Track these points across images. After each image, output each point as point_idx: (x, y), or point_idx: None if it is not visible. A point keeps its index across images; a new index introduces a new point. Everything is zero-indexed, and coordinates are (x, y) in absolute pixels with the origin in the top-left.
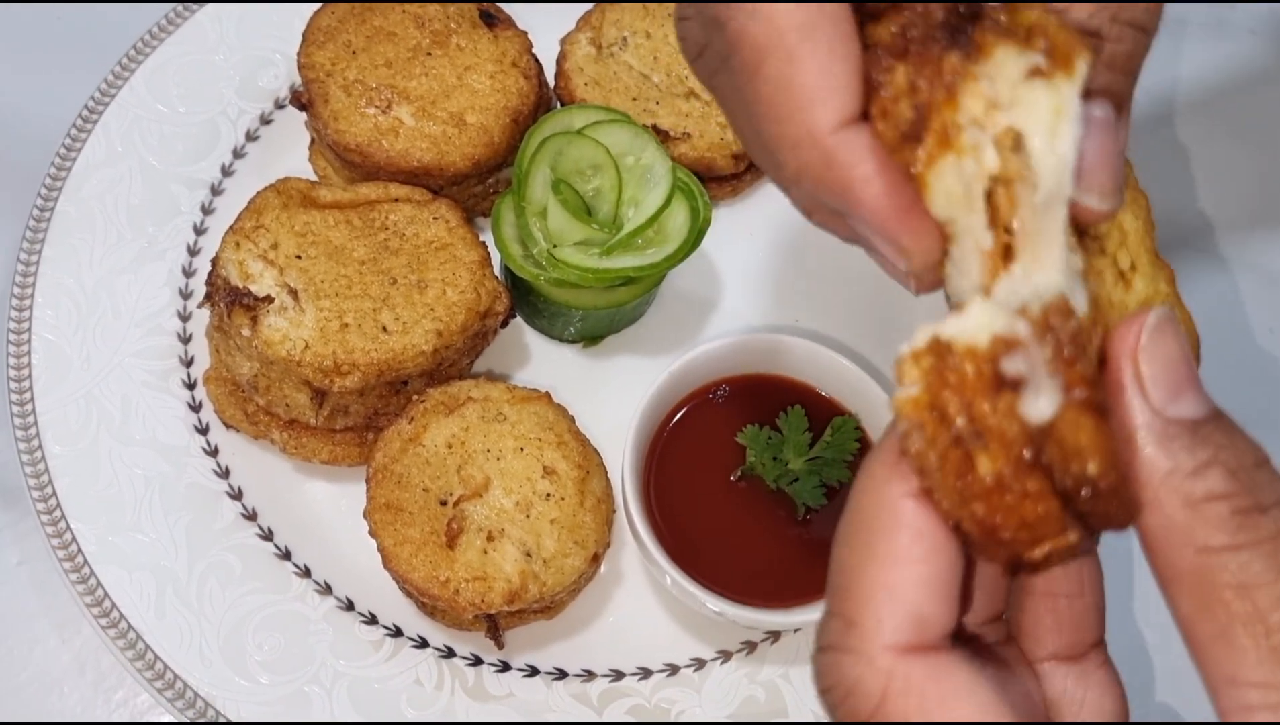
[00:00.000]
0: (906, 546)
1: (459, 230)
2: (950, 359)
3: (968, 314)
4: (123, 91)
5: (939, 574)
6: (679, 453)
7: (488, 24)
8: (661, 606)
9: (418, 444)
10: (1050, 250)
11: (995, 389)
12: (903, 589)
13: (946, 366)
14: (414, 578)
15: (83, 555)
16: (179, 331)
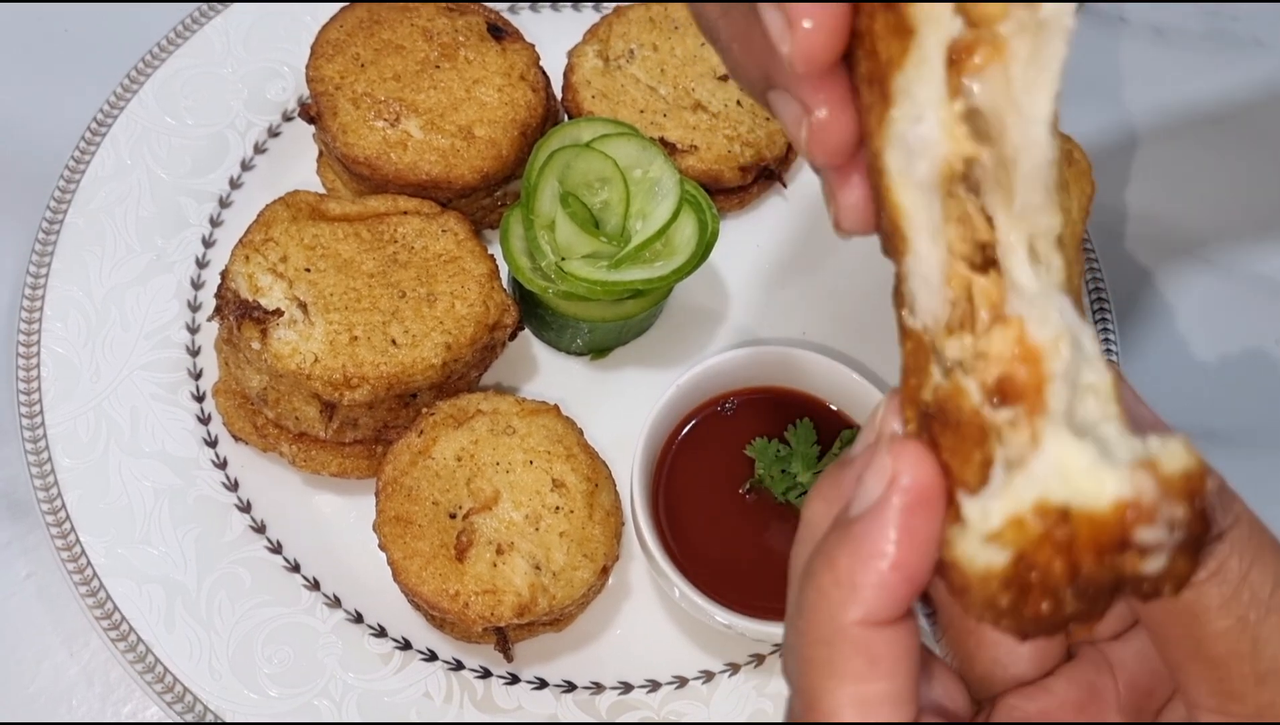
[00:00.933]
0: (865, 670)
1: (467, 243)
2: (1061, 528)
3: (1079, 466)
4: (131, 104)
5: (900, 687)
6: (687, 466)
7: (495, 37)
8: (670, 619)
9: (427, 457)
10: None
11: (1117, 552)
12: (867, 703)
13: (1054, 535)
14: (423, 591)
15: (92, 568)
16: (188, 344)
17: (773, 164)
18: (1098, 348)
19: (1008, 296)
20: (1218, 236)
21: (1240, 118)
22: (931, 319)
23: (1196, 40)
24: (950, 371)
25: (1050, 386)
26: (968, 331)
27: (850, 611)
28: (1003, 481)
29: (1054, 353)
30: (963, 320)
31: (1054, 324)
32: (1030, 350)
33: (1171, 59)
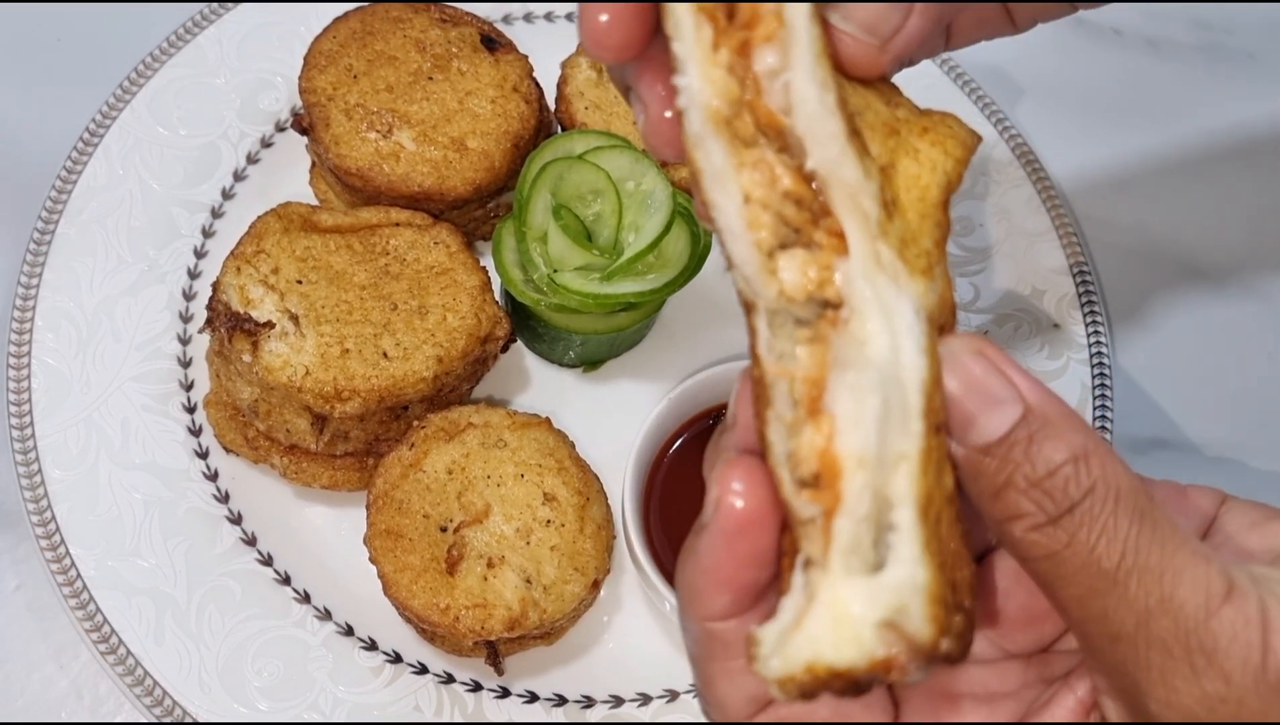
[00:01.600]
0: (720, 651)
1: (460, 255)
2: (834, 680)
3: (843, 631)
4: (124, 114)
5: None
6: (679, 479)
7: (489, 48)
8: (661, 632)
9: (418, 470)
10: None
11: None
12: (735, 676)
13: (829, 684)
14: (414, 604)
15: (82, 580)
16: (179, 355)
17: None
18: (920, 371)
19: (838, 283)
20: (1211, 250)
21: (1234, 131)
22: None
23: (1190, 53)
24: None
25: (840, 518)
26: (791, 385)
27: (697, 610)
28: (788, 622)
29: (854, 472)
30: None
31: (865, 426)
32: (832, 460)
33: (1165, 72)
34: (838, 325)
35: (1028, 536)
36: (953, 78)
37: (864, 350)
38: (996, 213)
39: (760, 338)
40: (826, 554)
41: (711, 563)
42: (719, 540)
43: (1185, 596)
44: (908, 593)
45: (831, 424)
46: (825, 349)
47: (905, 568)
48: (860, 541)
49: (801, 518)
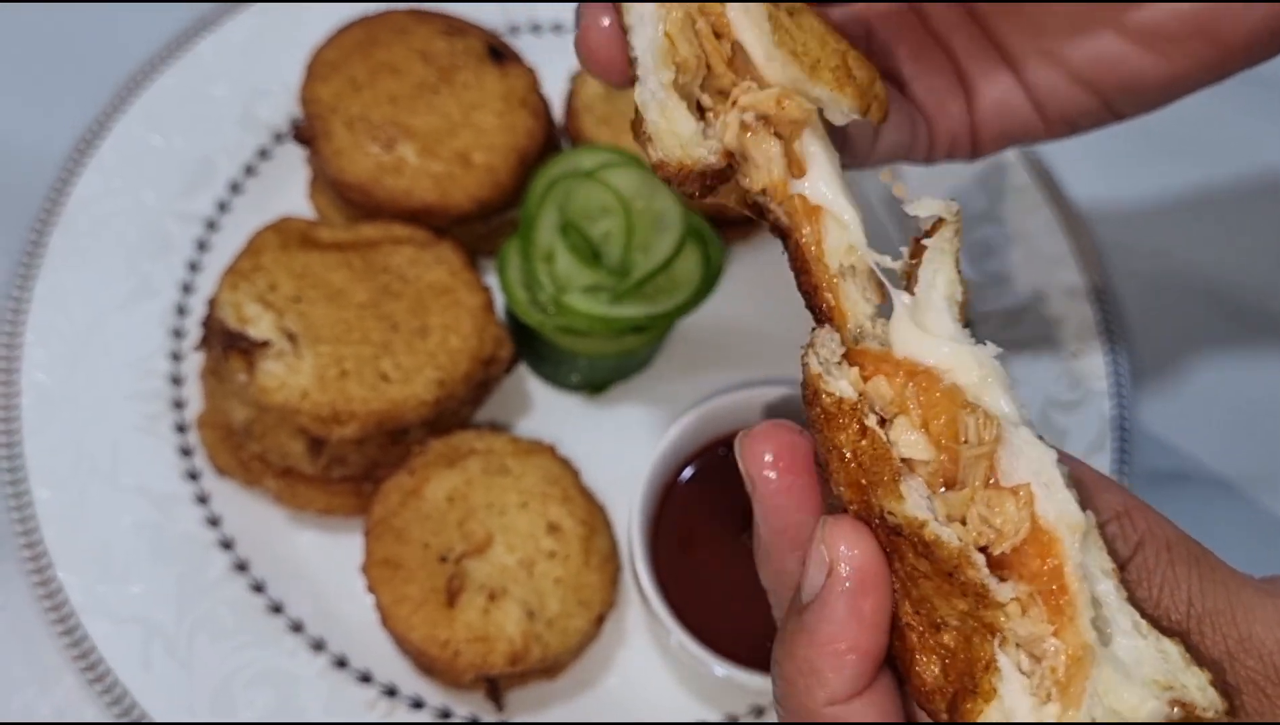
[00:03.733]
0: None
1: (462, 273)
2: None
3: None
4: (119, 124)
5: None
6: (686, 510)
7: (495, 60)
8: (666, 669)
9: (418, 497)
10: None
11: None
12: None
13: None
14: (412, 637)
15: (69, 606)
16: (172, 374)
17: None
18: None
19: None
20: (1234, 279)
21: (1258, 159)
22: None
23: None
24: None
25: (1074, 581)
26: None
27: (817, 695)
28: (1034, 703)
29: (1071, 536)
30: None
31: (1058, 497)
32: (1043, 533)
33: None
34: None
35: None
36: None
37: (1004, 415)
38: (1016, 237)
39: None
40: (1069, 630)
41: (831, 632)
42: (840, 604)
43: (1263, 634)
44: (1167, 666)
45: (1029, 493)
46: (991, 420)
47: (1138, 641)
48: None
49: (1000, 603)
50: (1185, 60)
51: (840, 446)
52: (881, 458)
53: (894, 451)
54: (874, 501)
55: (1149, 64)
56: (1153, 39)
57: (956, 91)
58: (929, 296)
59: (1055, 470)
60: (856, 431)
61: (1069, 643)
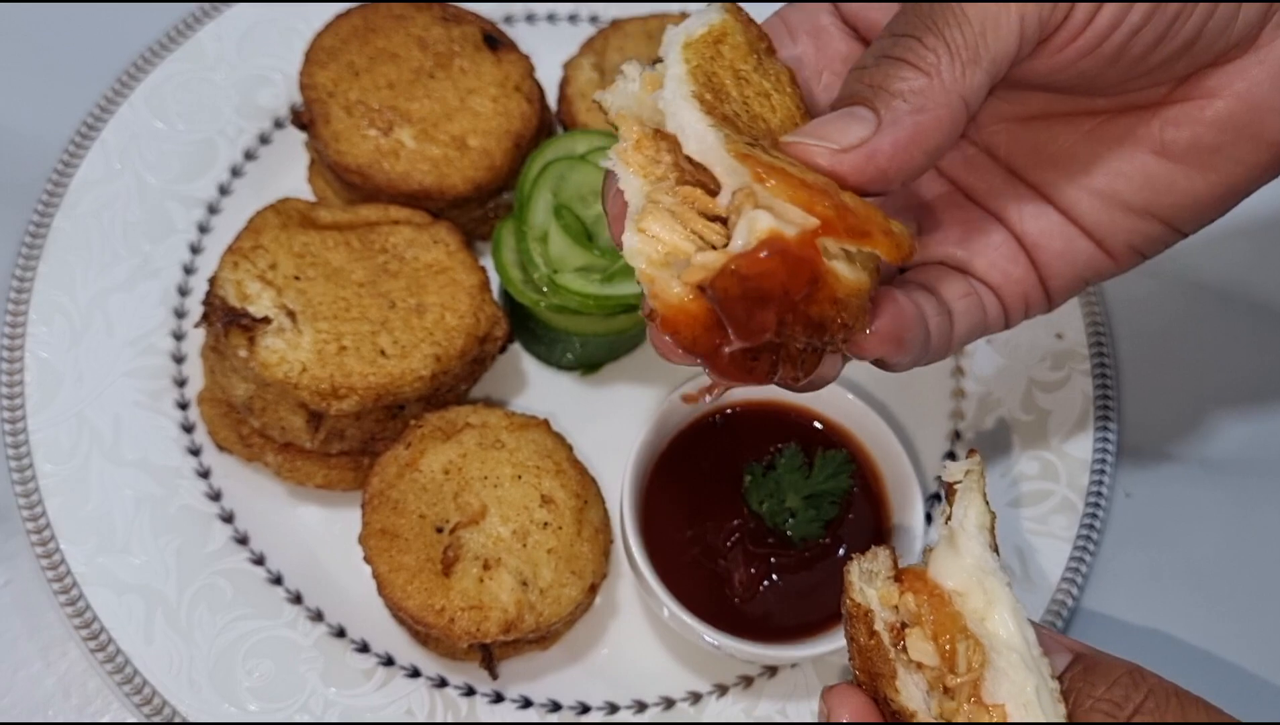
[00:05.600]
0: None
1: (459, 254)
2: None
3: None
4: (122, 108)
5: None
6: (677, 483)
7: (491, 47)
8: (657, 639)
9: (414, 469)
10: None
11: None
12: None
13: None
14: (409, 605)
15: (72, 577)
16: (173, 351)
17: None
18: (1048, 667)
19: None
20: (1215, 263)
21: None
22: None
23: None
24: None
25: None
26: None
27: None
28: None
29: None
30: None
31: (1033, 708)
32: None
33: None
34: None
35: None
36: None
37: (1000, 640)
38: None
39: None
40: None
41: None
42: None
43: None
44: None
45: (1004, 712)
46: (979, 647)
47: None
48: None
49: None
50: (1236, 167)
51: (856, 639)
52: (883, 657)
53: (892, 655)
54: (880, 688)
55: (1198, 180)
56: (1193, 154)
57: (1016, 255)
58: (963, 526)
59: (1033, 694)
60: (867, 632)
61: None
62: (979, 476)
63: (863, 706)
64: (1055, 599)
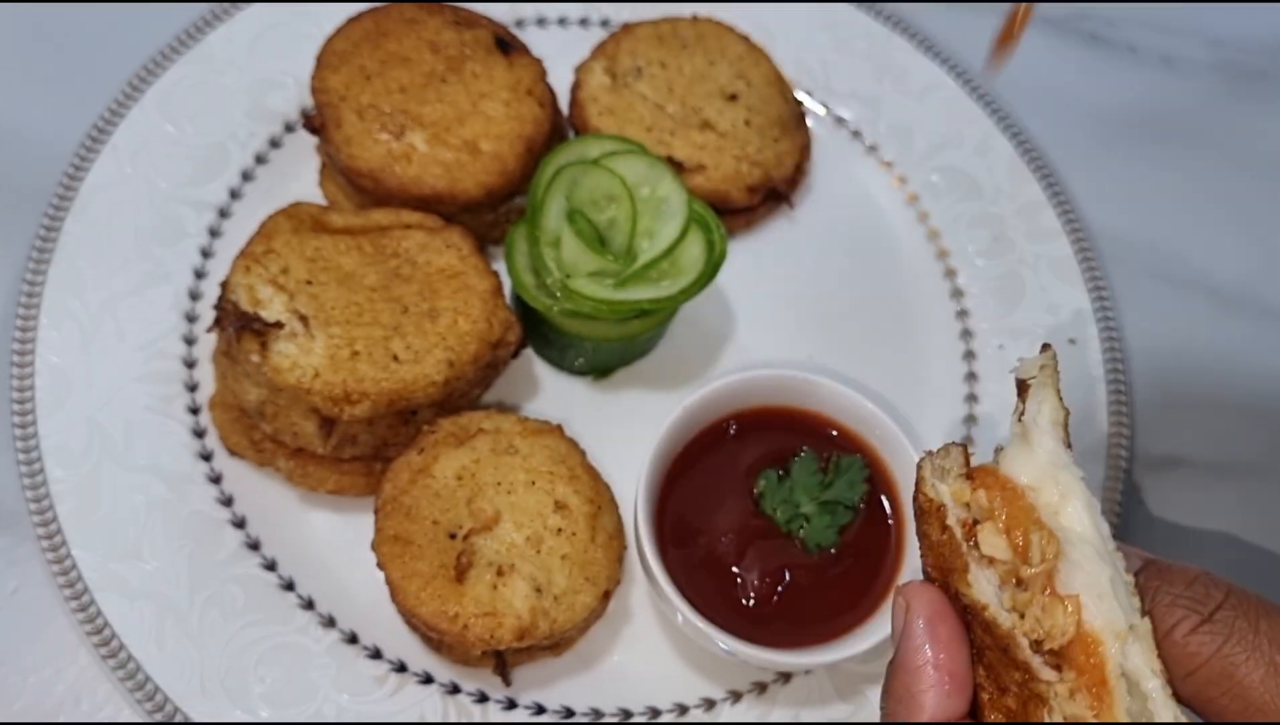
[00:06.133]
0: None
1: (471, 259)
2: None
3: None
4: (133, 112)
5: None
6: (691, 489)
7: (503, 51)
8: (670, 645)
9: (427, 475)
10: None
11: None
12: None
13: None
14: (422, 612)
15: (83, 582)
16: (184, 356)
17: (781, 185)
18: (1123, 561)
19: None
20: (1226, 268)
21: (1247, 149)
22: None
23: (1204, 71)
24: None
25: (1114, 680)
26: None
27: (917, 716)
28: None
29: (1112, 644)
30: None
31: (1108, 600)
32: (1087, 634)
33: (1180, 89)
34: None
35: (1191, 640)
36: (969, 90)
37: (1075, 533)
38: (1012, 226)
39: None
40: (1105, 716)
41: (913, 654)
42: (916, 627)
43: None
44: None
45: (1078, 603)
46: (1053, 538)
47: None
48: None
49: (1042, 680)
50: None
51: (928, 536)
52: (956, 552)
53: (965, 549)
54: (951, 583)
55: None
56: None
57: None
58: (1036, 422)
59: (1108, 585)
60: (939, 528)
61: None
62: (1053, 372)
63: (938, 601)
64: None
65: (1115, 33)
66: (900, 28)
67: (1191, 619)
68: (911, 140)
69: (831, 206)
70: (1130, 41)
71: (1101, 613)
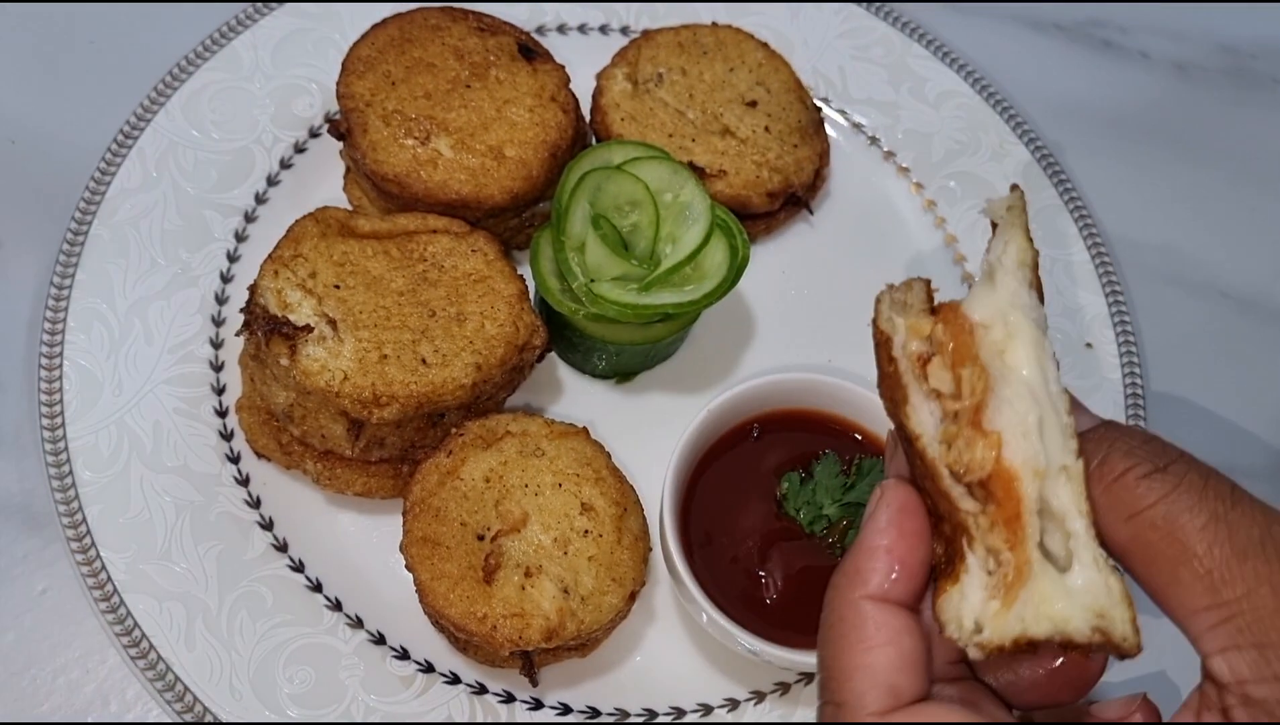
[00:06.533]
0: (872, 634)
1: (497, 263)
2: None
3: (1054, 613)
4: (158, 117)
5: (905, 654)
6: (715, 491)
7: (526, 57)
8: (694, 646)
9: (455, 477)
10: None
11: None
12: (876, 668)
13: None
14: (451, 613)
15: (113, 584)
16: (211, 359)
17: (800, 191)
18: (1066, 404)
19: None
20: (1240, 273)
21: (1260, 155)
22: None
23: (1216, 77)
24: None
25: (1028, 520)
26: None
27: (856, 590)
28: (985, 596)
29: (1030, 480)
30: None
31: (1031, 438)
32: (1005, 469)
33: (1192, 96)
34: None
35: (1141, 483)
36: (985, 97)
37: (1014, 372)
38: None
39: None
40: (1019, 549)
41: (874, 536)
42: (883, 514)
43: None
44: (1106, 598)
45: (998, 439)
46: (984, 374)
47: (1093, 573)
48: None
49: (963, 510)
50: None
51: (881, 366)
52: (898, 383)
53: (905, 380)
54: (897, 416)
55: None
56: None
57: None
58: (1001, 261)
59: (1034, 424)
60: (887, 358)
61: (1018, 559)
62: (1020, 211)
63: (912, 498)
64: None
65: (1128, 39)
66: (917, 35)
67: (1145, 467)
68: (929, 146)
69: (850, 212)
70: (1143, 48)
71: (1023, 450)
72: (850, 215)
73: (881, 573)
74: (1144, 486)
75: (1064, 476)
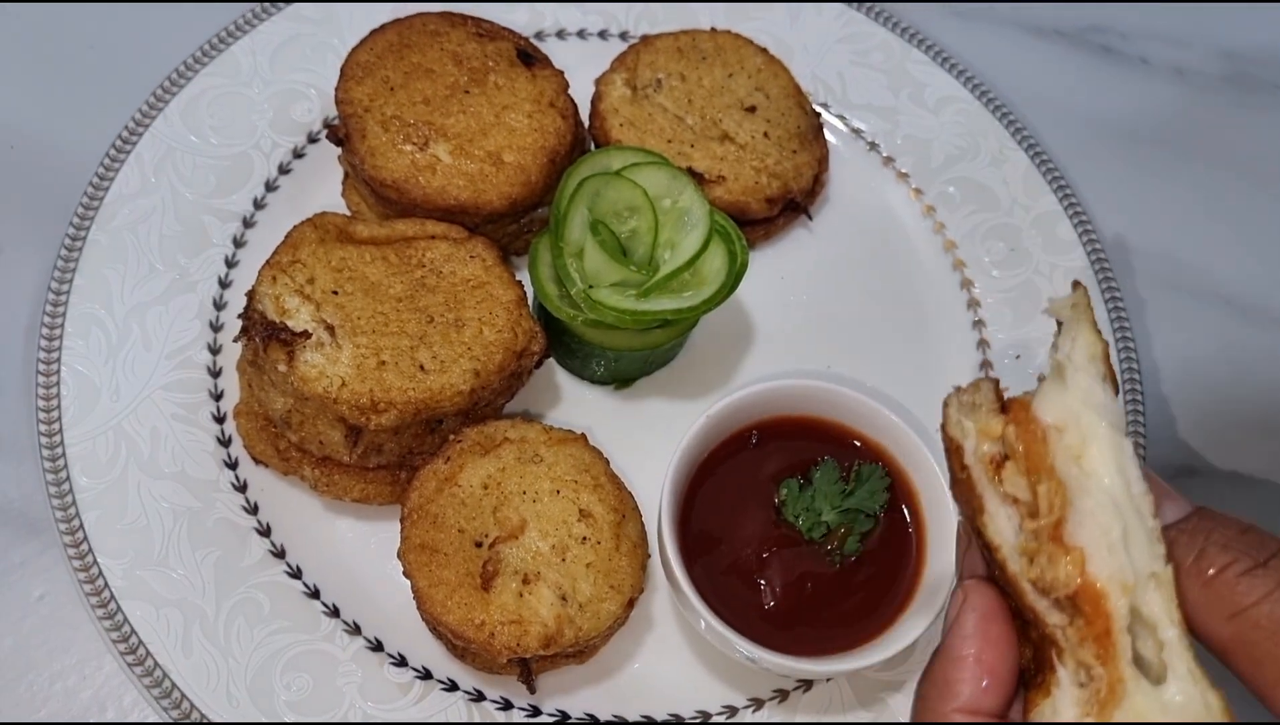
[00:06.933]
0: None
1: (495, 269)
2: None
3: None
4: (157, 122)
5: None
6: (714, 498)
7: (525, 63)
8: (693, 653)
9: (453, 484)
10: None
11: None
12: None
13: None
14: (448, 620)
15: (109, 590)
16: (209, 365)
17: (799, 196)
18: (1150, 507)
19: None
20: (1239, 279)
21: (1260, 160)
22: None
23: (1216, 83)
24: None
25: (1118, 633)
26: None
27: (948, 703)
28: (1079, 712)
29: (1119, 596)
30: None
31: (1116, 551)
32: (1091, 584)
33: (1193, 102)
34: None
35: (1243, 581)
36: (984, 102)
37: (1093, 479)
38: (1028, 237)
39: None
40: (1111, 665)
41: (961, 644)
42: (969, 620)
43: None
44: (1205, 716)
45: (1082, 555)
46: (1061, 488)
47: (1190, 688)
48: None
49: (1050, 625)
50: None
51: (954, 472)
52: (973, 491)
53: (979, 488)
54: (974, 524)
55: None
56: None
57: None
58: (1071, 358)
59: (1119, 538)
60: (959, 466)
61: (1111, 675)
62: (1085, 307)
63: (995, 600)
64: None
65: (1128, 45)
66: (917, 40)
67: (1245, 562)
68: (928, 152)
69: (849, 218)
70: (1143, 54)
71: (1109, 565)
72: (849, 221)
73: (971, 684)
74: (1245, 584)
75: (1153, 583)
